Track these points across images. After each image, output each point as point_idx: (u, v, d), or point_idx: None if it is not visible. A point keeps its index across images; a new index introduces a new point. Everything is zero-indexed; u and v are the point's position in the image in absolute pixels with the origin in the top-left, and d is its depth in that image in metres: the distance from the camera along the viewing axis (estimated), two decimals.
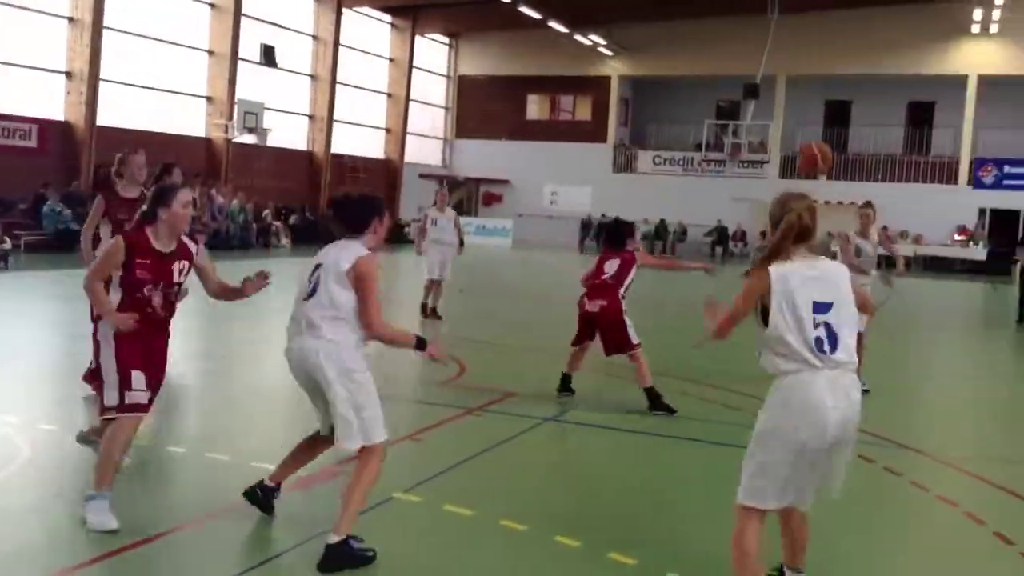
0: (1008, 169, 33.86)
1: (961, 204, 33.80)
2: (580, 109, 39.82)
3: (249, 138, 28.07)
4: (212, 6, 27.63)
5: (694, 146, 37.02)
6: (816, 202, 3.92)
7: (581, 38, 35.75)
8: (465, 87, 40.81)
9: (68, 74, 23.58)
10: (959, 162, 34.53)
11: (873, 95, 36.04)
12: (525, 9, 31.51)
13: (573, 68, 37.86)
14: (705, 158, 35.98)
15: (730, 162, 35.09)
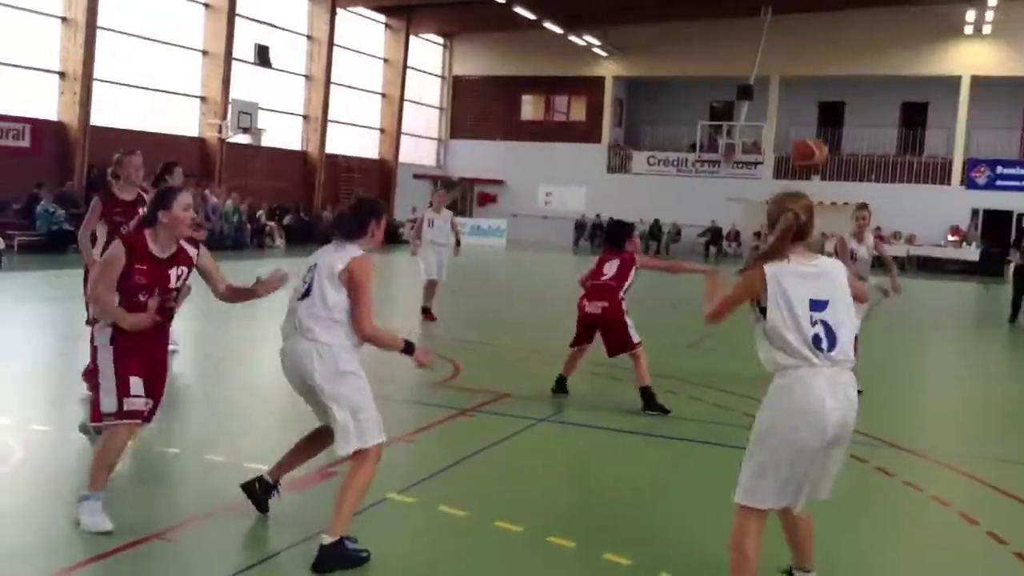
0: (1001, 170, 33.97)
1: (954, 205, 33.90)
2: (575, 110, 39.83)
3: (243, 138, 28.03)
4: (206, 6, 27.59)
5: (688, 147, 37.11)
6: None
7: (576, 39, 35.77)
8: (460, 87, 40.81)
9: (62, 74, 23.53)
10: (952, 163, 34.63)
11: (866, 96, 36.12)
12: (520, 9, 31.50)
13: (568, 69, 37.89)
14: (699, 159, 36.08)
15: (724, 163, 35.21)
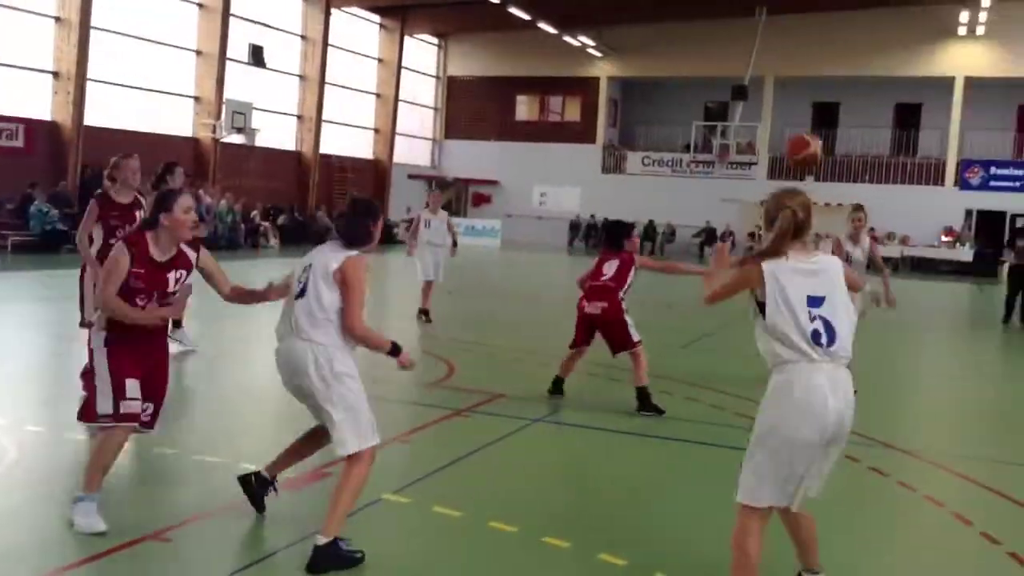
0: (994, 170, 34.07)
1: (948, 205, 33.99)
2: (569, 110, 39.86)
3: (237, 138, 27.99)
4: (200, 6, 27.54)
5: (683, 147, 37.16)
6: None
7: (570, 39, 35.78)
8: (454, 88, 40.80)
9: (55, 74, 23.47)
10: (946, 163, 34.72)
11: (860, 97, 36.20)
12: (514, 10, 31.51)
13: (562, 69, 37.91)
14: (694, 159, 36.14)
15: (718, 163, 35.28)
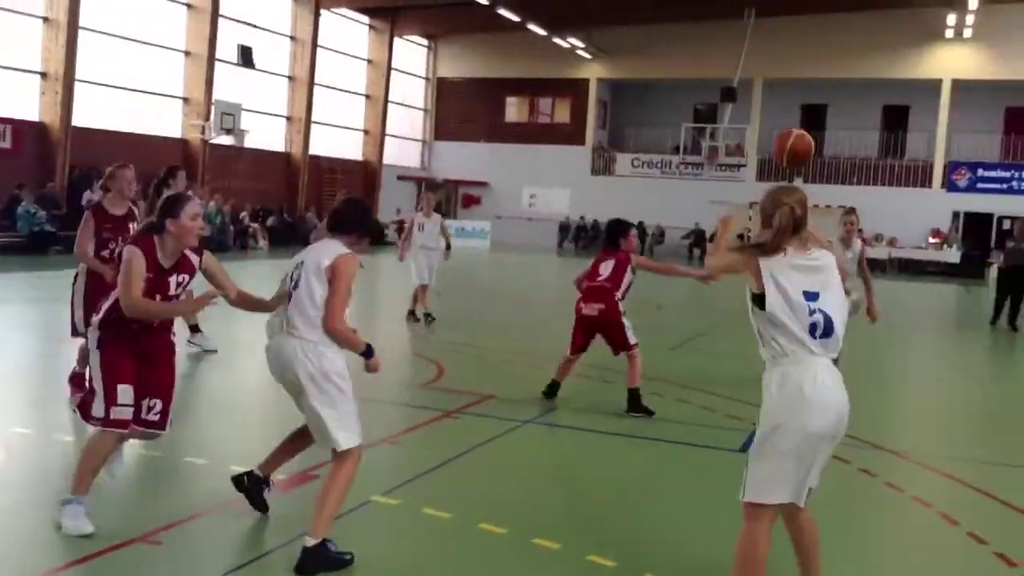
0: (981, 172, 34.24)
1: (935, 207, 34.13)
2: (559, 112, 39.89)
3: (226, 139, 27.92)
4: (189, 6, 27.47)
5: (672, 149, 37.23)
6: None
7: (560, 41, 35.81)
8: (444, 89, 40.79)
9: (43, 74, 23.36)
10: (933, 165, 34.88)
11: (849, 99, 36.34)
12: (504, 11, 31.52)
13: (552, 71, 37.94)
14: (683, 161, 36.21)
15: (707, 165, 35.34)
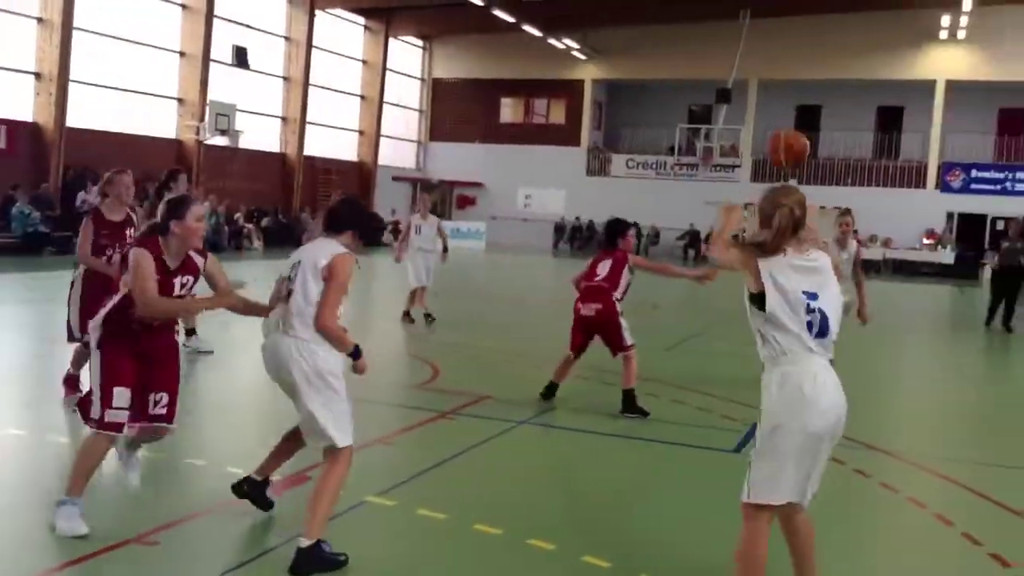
0: (975, 173, 34.30)
1: (929, 208, 34.18)
2: (554, 112, 39.90)
3: (221, 140, 27.86)
4: (183, 7, 27.43)
5: (667, 150, 37.25)
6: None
7: (555, 42, 35.81)
8: (439, 90, 40.78)
9: (37, 75, 23.30)
10: (927, 166, 34.94)
11: (843, 100, 36.40)
12: (499, 12, 31.49)
13: (547, 71, 37.94)
14: (678, 162, 36.24)
15: (702, 166, 35.39)
